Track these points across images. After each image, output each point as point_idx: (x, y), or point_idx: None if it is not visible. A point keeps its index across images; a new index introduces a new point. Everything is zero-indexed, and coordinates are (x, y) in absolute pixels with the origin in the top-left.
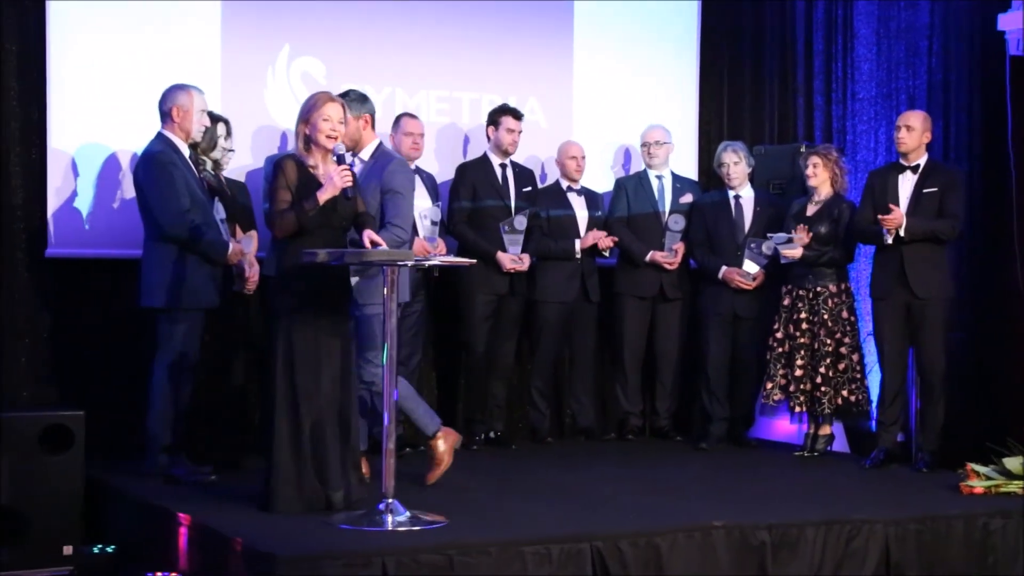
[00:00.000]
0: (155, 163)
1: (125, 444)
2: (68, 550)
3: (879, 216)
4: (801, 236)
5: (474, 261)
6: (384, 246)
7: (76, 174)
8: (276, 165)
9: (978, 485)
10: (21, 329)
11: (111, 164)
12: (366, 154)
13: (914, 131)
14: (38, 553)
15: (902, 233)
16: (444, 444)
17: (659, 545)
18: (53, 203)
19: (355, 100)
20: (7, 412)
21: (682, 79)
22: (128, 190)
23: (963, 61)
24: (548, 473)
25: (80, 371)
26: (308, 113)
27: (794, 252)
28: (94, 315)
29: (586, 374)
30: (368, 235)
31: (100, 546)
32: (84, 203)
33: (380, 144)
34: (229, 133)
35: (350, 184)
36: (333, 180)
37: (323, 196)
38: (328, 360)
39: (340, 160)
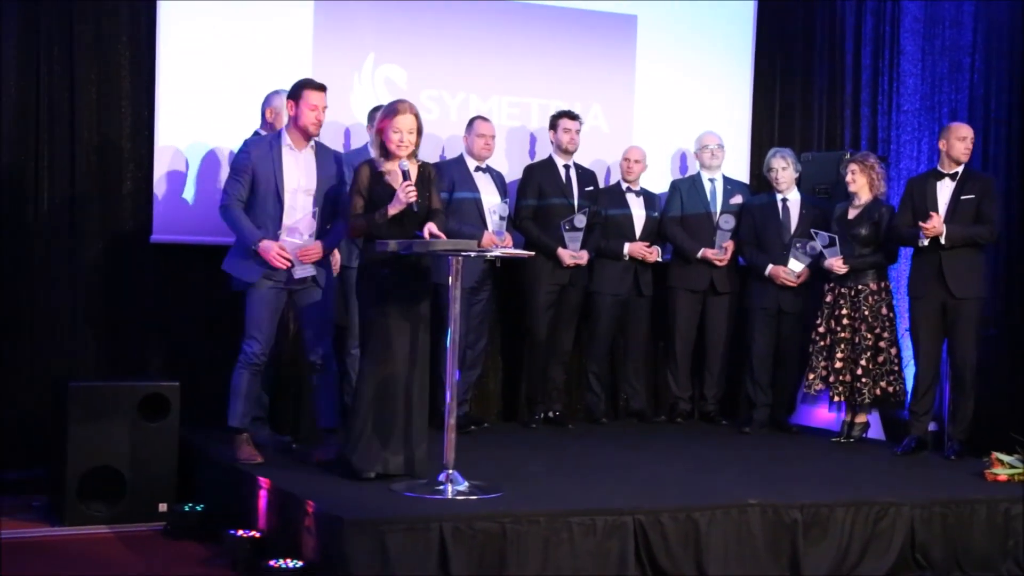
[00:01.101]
0: (237, 152)
1: (218, 413)
2: (162, 507)
3: (920, 224)
4: (838, 260)
5: (532, 254)
6: (443, 238)
7: (180, 167)
8: (355, 170)
9: (1002, 473)
10: (128, 307)
11: (211, 158)
12: None
13: (973, 142)
14: (135, 509)
15: (943, 240)
16: None
17: (698, 520)
18: (159, 193)
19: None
20: (111, 382)
21: (737, 88)
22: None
23: (1003, 77)
24: (600, 451)
25: (180, 347)
26: (382, 121)
27: (838, 263)
28: (194, 296)
29: (639, 361)
30: (428, 228)
31: (191, 504)
32: (187, 194)
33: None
34: None
35: (414, 199)
36: (399, 198)
37: (392, 211)
38: (401, 340)
39: (405, 176)
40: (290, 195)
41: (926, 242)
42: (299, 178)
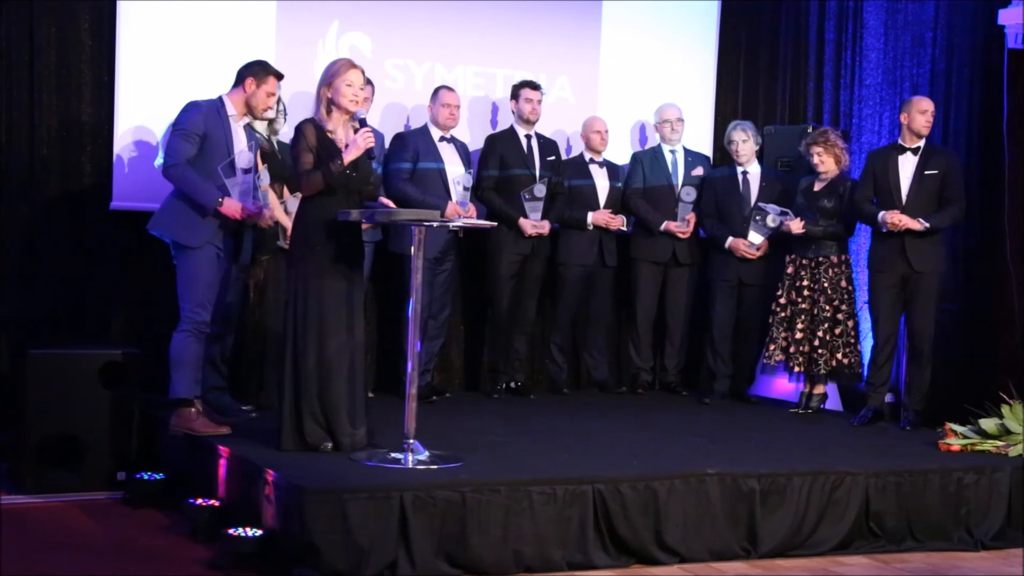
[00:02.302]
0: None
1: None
2: (121, 476)
3: (888, 220)
4: (796, 222)
5: (495, 224)
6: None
7: (141, 134)
8: (297, 130)
9: (955, 443)
10: (89, 275)
11: None
12: None
13: (934, 115)
14: (94, 478)
15: (926, 226)
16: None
17: (657, 489)
18: (119, 160)
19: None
20: (71, 349)
21: (701, 61)
22: None
23: (964, 52)
24: (562, 421)
25: (141, 314)
26: (331, 78)
27: (796, 225)
28: (154, 264)
29: (601, 332)
30: (383, 200)
31: (150, 473)
32: (148, 161)
33: None
34: (279, 98)
35: (372, 145)
36: (357, 142)
37: (349, 156)
38: (344, 315)
39: (363, 123)
40: (238, 166)
41: (886, 229)
42: (244, 154)
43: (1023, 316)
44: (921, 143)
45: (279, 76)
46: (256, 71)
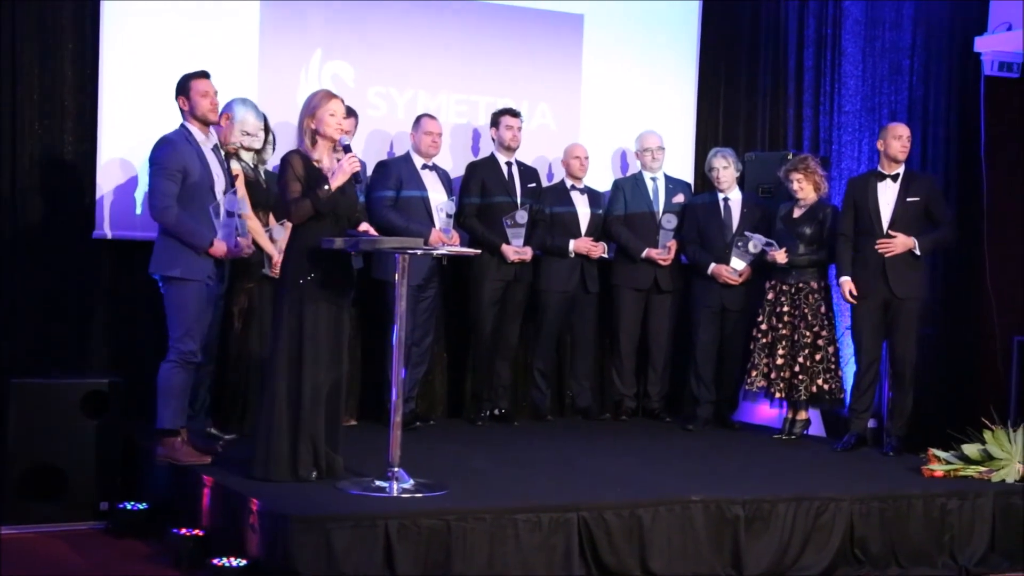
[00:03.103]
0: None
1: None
2: (104, 506)
3: (880, 244)
4: (780, 252)
5: (478, 252)
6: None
7: (124, 163)
8: (284, 160)
9: (938, 469)
10: (71, 304)
11: None
12: None
13: (910, 141)
14: (77, 508)
15: (916, 251)
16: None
17: (641, 516)
18: (102, 189)
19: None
20: (53, 379)
21: (682, 89)
22: None
23: (941, 79)
24: (546, 448)
25: (123, 343)
26: (314, 110)
27: (781, 256)
28: (137, 293)
29: (585, 358)
30: (364, 227)
31: (133, 503)
32: (130, 190)
33: None
34: (268, 128)
35: (358, 169)
36: (343, 166)
37: (336, 181)
38: (329, 344)
39: (347, 149)
40: (218, 192)
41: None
42: (219, 177)
43: (1004, 342)
44: (900, 169)
45: (202, 75)
46: (181, 85)
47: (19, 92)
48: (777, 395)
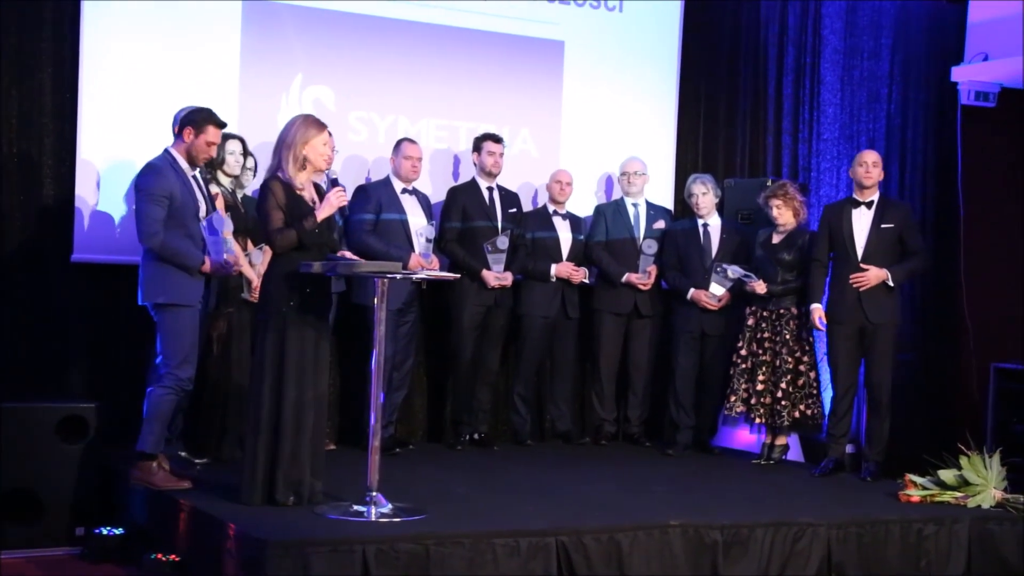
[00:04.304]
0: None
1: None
2: (80, 531)
3: (854, 280)
4: (760, 284)
5: (458, 276)
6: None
7: (103, 187)
8: (265, 187)
9: (915, 494)
10: (47, 327)
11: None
12: None
13: (878, 167)
14: (52, 533)
15: (889, 283)
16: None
17: (620, 541)
18: (80, 213)
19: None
20: (29, 403)
21: (662, 116)
22: None
23: (919, 108)
24: (525, 473)
25: (100, 367)
26: (308, 138)
27: (760, 287)
28: (115, 316)
29: (565, 383)
30: (344, 253)
31: (109, 528)
32: (109, 214)
33: None
34: (247, 152)
35: (345, 204)
36: (331, 200)
37: (322, 214)
38: (310, 362)
39: (335, 183)
40: (201, 217)
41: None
42: (201, 202)
43: (980, 369)
44: (875, 196)
45: (220, 124)
46: (195, 120)
47: None
48: (757, 420)
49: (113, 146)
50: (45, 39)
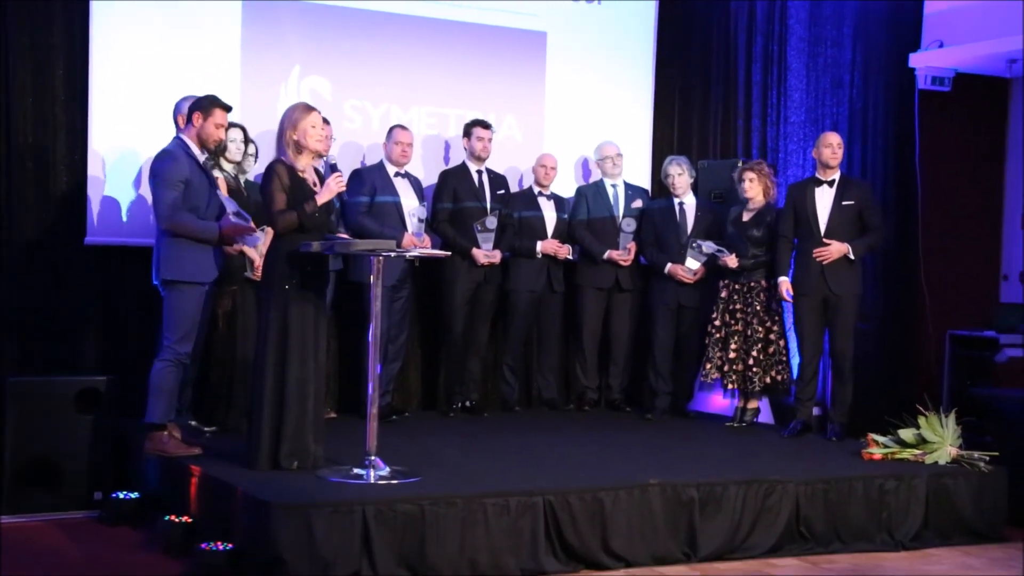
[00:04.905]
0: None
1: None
2: (97, 496)
3: (817, 254)
4: (731, 258)
5: (449, 254)
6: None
7: (113, 173)
8: (270, 170)
9: (877, 452)
10: (64, 307)
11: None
12: None
13: (842, 148)
14: (71, 498)
15: (851, 256)
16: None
17: (603, 499)
18: (92, 197)
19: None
20: (48, 377)
21: (640, 102)
22: None
23: (879, 93)
24: (514, 437)
25: (114, 343)
26: (296, 123)
27: (731, 261)
28: (126, 295)
29: (550, 353)
30: (341, 234)
31: (125, 493)
32: (120, 198)
33: None
34: (248, 139)
35: (344, 189)
36: (330, 186)
37: (322, 198)
38: (309, 341)
39: (334, 168)
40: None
41: (787, 296)
42: (227, 198)
43: (936, 337)
44: (836, 175)
45: (226, 108)
46: (203, 105)
47: (13, 107)
48: (730, 386)
49: (122, 135)
50: (57, 36)
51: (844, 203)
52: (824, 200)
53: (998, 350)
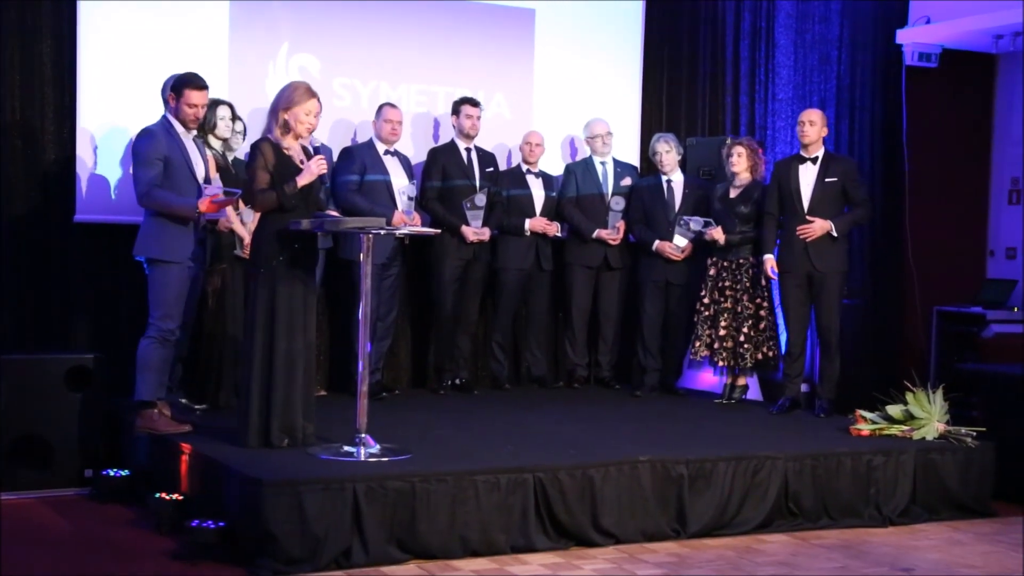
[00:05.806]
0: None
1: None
2: (88, 473)
3: (800, 231)
4: (717, 230)
5: (439, 232)
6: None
7: (101, 151)
8: (255, 148)
9: (865, 428)
10: (52, 284)
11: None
12: None
13: (815, 126)
14: (63, 475)
15: (834, 233)
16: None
17: (592, 476)
18: (81, 175)
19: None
20: (38, 355)
21: (628, 79)
22: None
23: (867, 69)
24: (504, 414)
25: (104, 321)
26: (291, 104)
27: (718, 234)
28: (115, 273)
29: (540, 331)
30: (331, 212)
31: (116, 470)
32: (108, 176)
33: None
34: (236, 117)
35: (325, 172)
36: (311, 168)
37: (302, 181)
38: (299, 318)
39: (317, 151)
40: (200, 177)
41: (771, 274)
42: (199, 164)
43: (924, 313)
44: (820, 152)
45: (200, 87)
46: (176, 85)
47: (2, 87)
48: (720, 363)
49: (109, 113)
50: (44, 13)
51: (827, 180)
52: (807, 177)
53: (985, 326)
